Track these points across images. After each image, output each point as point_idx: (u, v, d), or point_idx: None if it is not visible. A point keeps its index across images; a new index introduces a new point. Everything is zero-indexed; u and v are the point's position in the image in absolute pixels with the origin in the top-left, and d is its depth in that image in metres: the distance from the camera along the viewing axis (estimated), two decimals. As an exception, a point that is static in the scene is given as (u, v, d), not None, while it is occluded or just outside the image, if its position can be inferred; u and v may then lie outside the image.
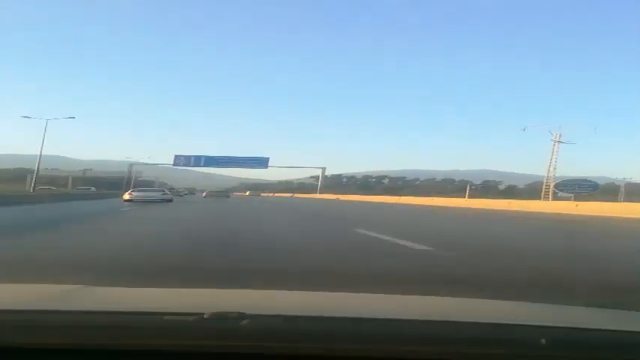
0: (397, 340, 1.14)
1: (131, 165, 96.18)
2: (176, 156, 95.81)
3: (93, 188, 75.59)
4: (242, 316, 1.12)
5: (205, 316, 1.11)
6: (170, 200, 33.58)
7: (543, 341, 1.09)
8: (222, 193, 57.93)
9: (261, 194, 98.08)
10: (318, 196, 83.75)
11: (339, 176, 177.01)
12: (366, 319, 1.33)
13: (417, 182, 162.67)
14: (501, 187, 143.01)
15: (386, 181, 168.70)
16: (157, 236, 9.38)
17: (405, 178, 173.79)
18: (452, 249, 7.40)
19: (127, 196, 32.54)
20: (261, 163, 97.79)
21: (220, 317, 1.12)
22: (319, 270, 5.08)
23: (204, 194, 58.88)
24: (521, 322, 1.35)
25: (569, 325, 1.31)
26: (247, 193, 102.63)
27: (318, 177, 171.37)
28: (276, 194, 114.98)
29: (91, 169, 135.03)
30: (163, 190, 38.41)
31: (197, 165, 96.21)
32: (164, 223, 13.63)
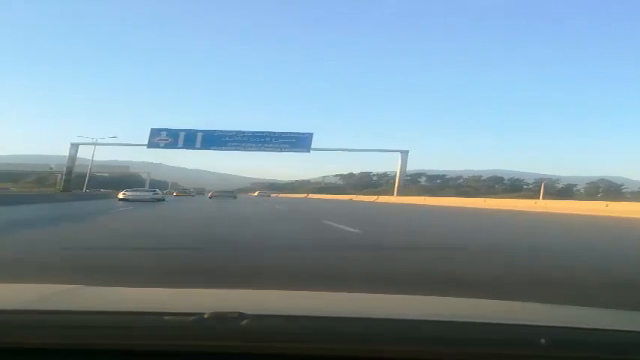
0: (397, 340, 1.14)
1: (76, 147, 57.74)
2: (153, 130, 54.49)
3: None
4: (242, 316, 1.12)
5: (205, 316, 1.12)
6: (162, 200, 36.89)
7: (543, 341, 1.09)
8: (229, 194, 53.66)
9: (271, 195, 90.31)
10: (357, 198, 67.72)
11: (368, 174, 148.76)
12: (366, 319, 1.34)
13: (460, 181, 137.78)
14: (559, 186, 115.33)
15: (423, 179, 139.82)
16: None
17: (445, 176, 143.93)
18: None
19: (121, 195, 36.56)
20: (301, 143, 55.01)
21: (220, 317, 1.13)
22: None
23: (209, 194, 55.53)
24: (521, 322, 1.35)
25: (569, 325, 1.31)
26: (256, 193, 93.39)
27: (344, 176, 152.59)
28: (280, 195, 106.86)
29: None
30: (154, 190, 41.71)
31: (189, 146, 54.47)
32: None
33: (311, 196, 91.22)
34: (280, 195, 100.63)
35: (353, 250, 7.24)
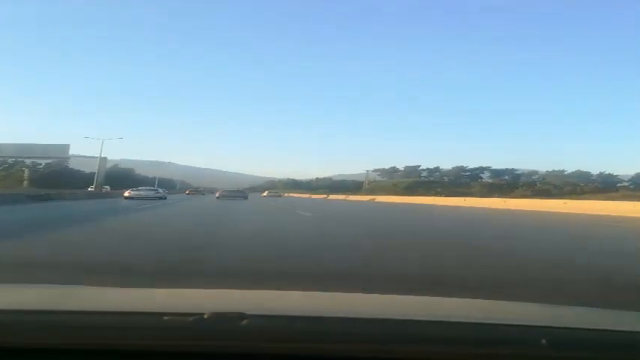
0: (397, 340, 1.14)
1: None
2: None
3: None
4: (242, 316, 1.12)
5: (205, 316, 1.12)
6: (163, 198, 38.95)
7: (543, 341, 1.09)
8: (239, 194, 47.06)
9: (283, 195, 78.51)
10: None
11: (416, 168, 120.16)
12: (366, 319, 1.34)
13: (535, 177, 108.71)
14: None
15: (486, 175, 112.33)
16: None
17: (514, 171, 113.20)
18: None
19: (126, 194, 38.79)
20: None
21: (220, 317, 1.13)
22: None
23: (217, 194, 48.82)
24: (521, 322, 1.35)
25: (569, 325, 1.31)
26: (265, 193, 79.28)
27: (386, 171, 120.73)
28: (289, 194, 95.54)
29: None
30: (157, 190, 44.45)
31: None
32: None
33: (332, 196, 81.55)
34: (284, 195, 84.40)
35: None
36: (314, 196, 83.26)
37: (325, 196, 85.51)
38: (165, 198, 40.00)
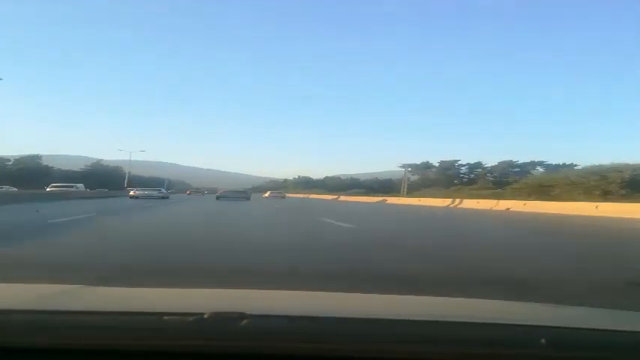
0: (397, 340, 1.14)
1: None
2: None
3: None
4: (242, 316, 1.12)
5: (205, 316, 1.12)
6: (166, 197, 41.78)
7: (543, 341, 1.08)
8: (240, 194, 43.53)
9: (287, 195, 72.00)
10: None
11: (453, 164, 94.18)
12: (366, 319, 1.34)
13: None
14: None
15: (539, 171, 76.46)
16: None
17: (574, 166, 66.76)
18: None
19: (131, 193, 42.05)
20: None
21: (220, 317, 1.13)
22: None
23: (217, 194, 45.34)
24: (521, 322, 1.34)
25: (569, 325, 1.30)
26: (267, 194, 71.15)
27: (417, 167, 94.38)
28: (305, 195, 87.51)
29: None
30: (159, 190, 48.00)
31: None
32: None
33: (343, 198, 71.61)
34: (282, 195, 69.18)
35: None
36: (313, 197, 76.56)
37: (336, 197, 75.29)
38: (168, 197, 43.28)
